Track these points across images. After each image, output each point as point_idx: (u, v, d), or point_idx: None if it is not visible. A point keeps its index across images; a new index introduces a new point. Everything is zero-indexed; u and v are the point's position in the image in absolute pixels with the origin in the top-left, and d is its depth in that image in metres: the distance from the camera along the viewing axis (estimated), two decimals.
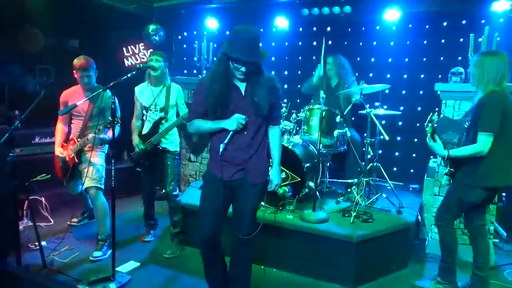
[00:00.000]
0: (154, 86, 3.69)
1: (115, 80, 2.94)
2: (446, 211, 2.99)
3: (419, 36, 4.86)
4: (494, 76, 2.69)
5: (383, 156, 4.88)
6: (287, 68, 5.64)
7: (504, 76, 2.72)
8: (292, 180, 3.73)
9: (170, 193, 3.69)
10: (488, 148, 2.64)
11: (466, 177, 2.81)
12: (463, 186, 2.84)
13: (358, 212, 3.56)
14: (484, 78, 2.73)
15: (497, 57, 2.74)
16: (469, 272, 3.08)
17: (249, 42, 2.26)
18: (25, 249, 3.52)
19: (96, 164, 3.64)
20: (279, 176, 2.66)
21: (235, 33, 2.30)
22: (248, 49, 2.25)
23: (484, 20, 4.33)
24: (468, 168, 2.80)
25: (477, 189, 2.79)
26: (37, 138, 4.64)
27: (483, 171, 2.72)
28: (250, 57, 2.26)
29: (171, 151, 3.71)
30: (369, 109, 3.87)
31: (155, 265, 3.48)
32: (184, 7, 5.62)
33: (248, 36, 2.26)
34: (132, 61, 6.13)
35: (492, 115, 2.62)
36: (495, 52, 2.83)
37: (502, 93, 2.71)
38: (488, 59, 2.74)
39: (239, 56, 2.25)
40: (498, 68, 2.69)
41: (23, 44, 5.27)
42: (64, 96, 3.69)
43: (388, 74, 5.04)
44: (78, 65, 3.56)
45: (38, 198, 4.32)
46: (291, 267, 3.41)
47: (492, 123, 2.62)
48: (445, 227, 3.01)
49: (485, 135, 2.64)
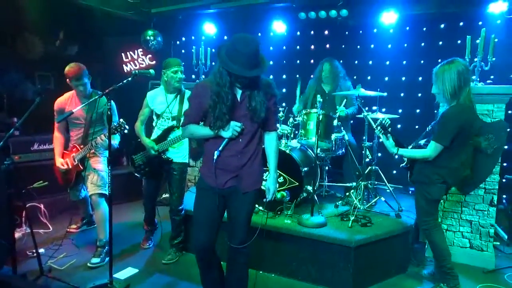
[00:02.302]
0: (169, 93, 3.59)
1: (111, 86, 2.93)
2: (423, 214, 3.07)
3: (416, 39, 4.86)
4: (452, 87, 2.79)
5: (383, 159, 4.86)
6: (285, 72, 5.65)
7: (462, 85, 2.79)
8: (290, 185, 3.72)
9: (175, 208, 3.64)
10: (435, 155, 2.87)
11: (423, 177, 3.00)
12: (422, 186, 3.01)
13: (357, 216, 3.54)
14: (444, 91, 2.84)
15: (453, 66, 2.81)
16: (476, 276, 3.07)
17: (249, 55, 2.21)
18: (23, 256, 3.53)
19: (100, 170, 3.62)
20: (276, 184, 2.62)
21: (234, 44, 2.22)
22: (248, 63, 2.21)
23: (481, 22, 4.33)
24: (421, 170, 3.00)
25: (438, 185, 2.95)
26: (36, 145, 4.65)
27: (440, 171, 2.93)
28: (251, 71, 2.23)
29: (179, 163, 3.61)
30: (366, 112, 3.85)
31: (153, 272, 3.46)
32: (182, 12, 5.64)
33: (248, 50, 2.20)
34: (131, 67, 6.16)
35: (447, 130, 2.81)
36: (450, 61, 2.86)
37: (464, 106, 2.82)
38: (445, 70, 2.83)
39: (241, 72, 2.22)
40: (455, 79, 2.78)
41: (22, 52, 5.31)
42: (59, 104, 3.64)
43: (386, 77, 5.04)
44: (71, 74, 3.48)
45: (37, 205, 4.33)
46: (289, 272, 3.39)
47: (444, 137, 2.82)
48: (431, 229, 3.06)
49: (435, 145, 2.85)
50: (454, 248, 3.69)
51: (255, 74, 2.27)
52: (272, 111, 2.51)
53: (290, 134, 4.12)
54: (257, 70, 2.26)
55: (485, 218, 3.62)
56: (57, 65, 5.30)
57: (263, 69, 2.29)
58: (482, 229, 3.63)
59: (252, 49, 2.21)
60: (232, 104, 2.35)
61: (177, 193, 3.63)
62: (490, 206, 3.59)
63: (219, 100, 2.32)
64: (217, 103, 2.32)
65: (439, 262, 3.10)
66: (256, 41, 2.26)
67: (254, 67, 2.24)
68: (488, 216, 3.61)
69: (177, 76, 3.49)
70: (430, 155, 2.88)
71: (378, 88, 4.01)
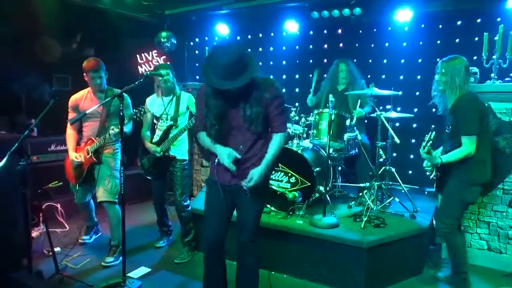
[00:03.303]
0: (165, 96, 3.72)
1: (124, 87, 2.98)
2: (448, 217, 2.97)
3: (432, 36, 4.75)
4: (461, 79, 2.83)
5: (398, 159, 4.78)
6: (298, 71, 5.62)
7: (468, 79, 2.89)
8: (302, 185, 3.70)
9: (179, 204, 3.68)
10: (474, 148, 2.78)
11: (464, 175, 2.88)
12: (463, 185, 2.89)
13: (370, 217, 3.49)
14: (453, 83, 2.84)
15: (459, 61, 2.88)
16: (494, 279, 3.01)
17: (225, 67, 2.13)
18: (40, 255, 3.62)
19: (116, 178, 3.62)
20: (260, 176, 2.34)
21: (212, 56, 2.18)
22: (225, 75, 2.14)
23: (500, 18, 4.20)
24: (463, 167, 2.87)
25: (476, 187, 2.87)
26: (53, 146, 4.75)
27: (476, 169, 2.85)
28: (230, 83, 2.15)
29: (179, 160, 3.69)
30: (380, 112, 3.79)
31: (165, 271, 3.49)
32: (195, 13, 5.68)
33: (224, 62, 2.12)
34: (146, 68, 6.23)
35: (470, 117, 2.77)
36: (455, 57, 2.93)
37: (474, 95, 2.87)
38: (452, 64, 2.88)
39: (217, 84, 2.17)
40: (462, 71, 2.84)
41: (40, 54, 5.43)
42: (74, 101, 3.67)
43: (401, 76, 4.96)
44: (89, 66, 3.55)
45: (54, 204, 4.42)
46: (301, 272, 3.36)
47: (471, 125, 2.77)
48: (452, 233, 2.97)
49: (468, 139, 2.77)
50: (471, 250, 3.59)
51: (233, 86, 2.17)
52: (275, 114, 2.39)
53: (302, 134, 4.10)
54: (237, 82, 2.15)
55: (504, 219, 3.52)
56: (74, 67, 5.40)
57: (243, 80, 2.16)
58: (501, 231, 3.53)
59: (229, 60, 2.12)
60: (223, 114, 2.31)
61: (180, 189, 3.67)
62: (509, 207, 3.49)
63: (207, 109, 2.31)
64: (207, 112, 2.32)
65: (457, 267, 3.00)
66: (236, 51, 2.16)
67: (233, 79, 2.15)
68: (507, 217, 3.51)
69: (161, 79, 3.58)
70: (470, 151, 2.77)
71: (392, 87, 3.95)
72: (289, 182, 3.74)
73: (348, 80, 4.51)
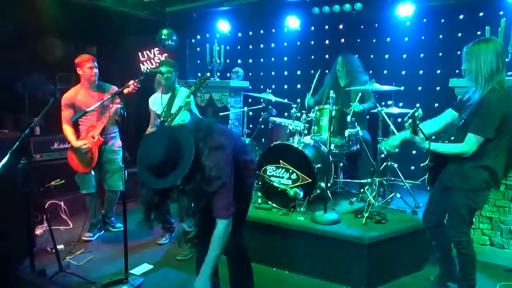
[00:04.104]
0: (165, 94, 3.78)
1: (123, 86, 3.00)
2: (462, 225, 2.66)
3: (434, 31, 4.71)
4: (490, 70, 2.41)
5: (400, 155, 4.74)
6: (300, 67, 5.60)
7: (501, 67, 2.44)
8: (303, 182, 3.70)
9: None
10: (473, 151, 2.45)
11: (468, 181, 2.57)
12: (470, 192, 2.57)
13: (371, 213, 3.49)
14: (479, 73, 2.44)
15: (491, 45, 2.42)
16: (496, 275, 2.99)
17: (153, 169, 1.96)
18: (44, 252, 3.65)
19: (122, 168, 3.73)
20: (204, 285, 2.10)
21: (139, 157, 2.01)
22: (156, 175, 1.97)
23: (503, 12, 4.16)
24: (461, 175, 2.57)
25: (485, 192, 2.60)
26: (56, 144, 4.80)
27: (477, 176, 2.53)
28: (160, 183, 1.99)
29: None
30: (381, 107, 3.78)
31: (168, 268, 3.51)
32: (196, 10, 5.67)
33: (151, 163, 1.95)
34: (148, 66, 6.24)
35: (492, 119, 2.39)
36: (488, 39, 2.50)
37: (506, 91, 2.44)
38: (480, 51, 2.44)
39: (150, 184, 2.01)
40: (494, 60, 2.41)
41: (43, 53, 5.45)
42: (70, 98, 3.82)
43: (403, 71, 4.93)
44: (86, 58, 3.76)
45: (57, 202, 4.45)
46: (302, 269, 3.37)
47: (488, 127, 2.39)
48: (468, 241, 2.71)
49: (475, 138, 2.43)
50: (474, 245, 3.57)
51: (163, 186, 1.99)
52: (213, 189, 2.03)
53: (303, 130, 4.09)
54: (167, 181, 1.96)
55: (506, 214, 3.50)
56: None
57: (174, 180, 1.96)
58: (503, 226, 3.52)
59: (156, 162, 1.93)
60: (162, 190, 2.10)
61: None
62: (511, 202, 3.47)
63: None
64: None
65: (469, 275, 2.78)
66: (163, 147, 1.92)
67: (165, 177, 1.95)
68: (510, 212, 3.49)
69: (162, 77, 3.64)
70: (468, 150, 2.44)
71: (394, 82, 3.93)
72: (290, 179, 3.74)
73: (348, 75, 4.45)
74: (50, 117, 3.94)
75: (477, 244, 3.60)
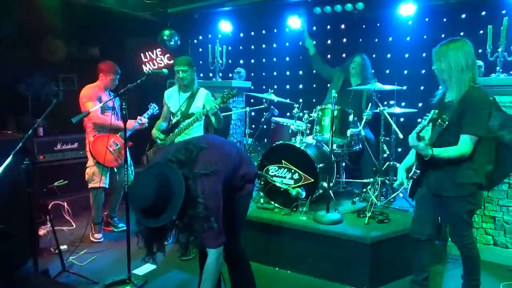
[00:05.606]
0: (183, 92, 3.64)
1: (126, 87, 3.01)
2: (465, 228, 2.64)
3: (436, 30, 4.69)
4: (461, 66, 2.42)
5: (402, 155, 4.73)
6: (302, 67, 5.61)
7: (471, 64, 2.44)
8: (306, 181, 3.70)
9: None
10: (471, 151, 2.42)
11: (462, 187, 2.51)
12: (468, 198, 2.52)
13: (374, 213, 3.49)
14: (451, 70, 2.45)
15: (460, 43, 2.45)
16: (500, 274, 2.97)
17: (144, 211, 1.97)
18: (47, 253, 3.66)
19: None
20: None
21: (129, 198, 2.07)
22: (147, 216, 1.98)
23: (505, 10, 4.15)
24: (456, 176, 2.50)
25: (480, 192, 2.63)
26: (59, 145, 4.81)
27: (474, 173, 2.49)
28: (152, 222, 1.99)
29: None
30: (383, 107, 3.77)
31: (171, 268, 3.50)
32: (198, 11, 5.69)
33: (138, 206, 1.97)
34: (150, 66, 6.27)
35: (483, 116, 2.40)
36: (456, 39, 2.52)
37: (484, 90, 2.47)
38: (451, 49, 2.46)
39: (144, 223, 2.02)
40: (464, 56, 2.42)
41: (46, 55, 5.48)
42: (97, 91, 3.94)
43: (405, 70, 4.93)
44: (114, 68, 3.95)
45: (61, 203, 4.47)
46: (305, 269, 3.37)
47: (481, 125, 2.40)
48: (472, 243, 2.69)
49: (471, 138, 2.40)
50: (477, 245, 3.56)
51: (156, 225, 1.98)
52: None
53: (305, 130, 4.09)
54: (159, 220, 1.95)
55: (510, 214, 3.49)
56: (80, 67, 5.49)
57: (165, 219, 1.96)
58: (507, 226, 3.51)
59: (145, 205, 1.93)
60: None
61: None
62: None
63: None
64: None
65: (475, 275, 2.77)
66: (150, 192, 1.91)
67: (157, 216, 1.95)
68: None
69: (177, 76, 3.54)
70: (467, 151, 2.41)
71: (396, 82, 3.92)
72: (292, 179, 3.74)
73: (360, 75, 4.41)
74: (53, 118, 3.96)
75: (480, 244, 3.59)
